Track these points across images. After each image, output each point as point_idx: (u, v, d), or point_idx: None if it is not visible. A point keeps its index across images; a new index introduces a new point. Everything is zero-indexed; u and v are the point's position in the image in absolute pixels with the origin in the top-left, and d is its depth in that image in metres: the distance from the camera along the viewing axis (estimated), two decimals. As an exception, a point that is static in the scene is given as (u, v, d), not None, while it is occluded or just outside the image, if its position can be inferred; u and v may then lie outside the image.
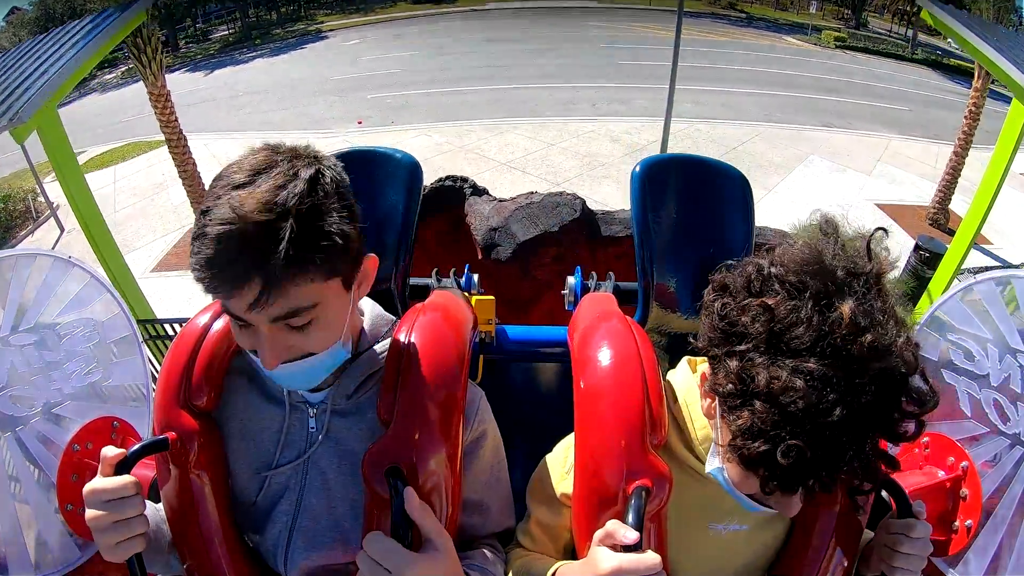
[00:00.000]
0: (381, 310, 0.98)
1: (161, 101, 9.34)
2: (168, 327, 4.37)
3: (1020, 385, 1.02)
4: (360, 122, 15.06)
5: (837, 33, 24.16)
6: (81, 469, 1.06)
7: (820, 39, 23.70)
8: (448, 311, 0.97)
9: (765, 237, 3.05)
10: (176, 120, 9.45)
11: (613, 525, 0.75)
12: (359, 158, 1.30)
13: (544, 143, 13.32)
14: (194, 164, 9.83)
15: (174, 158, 9.69)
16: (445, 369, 0.85)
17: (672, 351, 1.27)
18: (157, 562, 0.94)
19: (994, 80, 9.71)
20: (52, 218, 11.60)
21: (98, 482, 0.81)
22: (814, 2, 27.67)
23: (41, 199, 12.02)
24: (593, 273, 1.51)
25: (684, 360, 0.98)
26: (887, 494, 0.87)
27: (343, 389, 0.88)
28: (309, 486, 0.89)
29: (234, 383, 0.93)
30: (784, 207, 10.36)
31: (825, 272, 0.68)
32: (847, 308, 0.65)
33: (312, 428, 0.89)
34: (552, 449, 1.02)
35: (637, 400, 0.83)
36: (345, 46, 23.28)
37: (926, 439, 1.08)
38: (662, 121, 9.56)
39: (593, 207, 3.52)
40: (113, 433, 1.12)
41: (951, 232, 9.09)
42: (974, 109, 9.79)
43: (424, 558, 0.75)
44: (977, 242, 6.64)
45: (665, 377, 0.96)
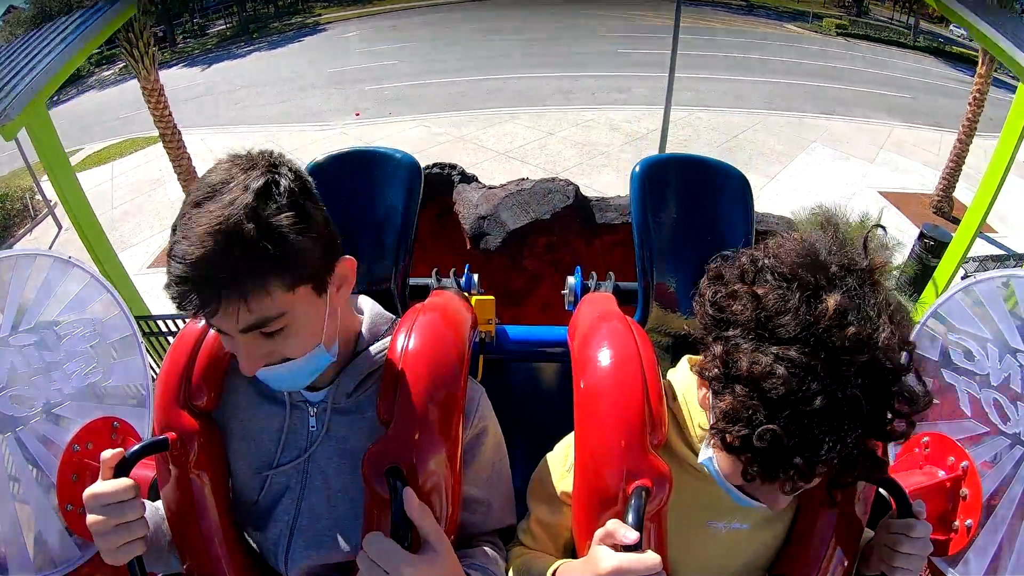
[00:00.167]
0: (381, 309, 0.97)
1: (154, 96, 9.32)
2: (163, 323, 4.36)
3: (1020, 385, 1.02)
4: (357, 114, 15.02)
5: (838, 21, 24.02)
6: (81, 469, 1.06)
7: (821, 27, 23.56)
8: (448, 311, 0.97)
9: (768, 224, 3.01)
10: (170, 115, 9.44)
11: (613, 525, 0.75)
12: (359, 158, 1.30)
13: (543, 132, 13.29)
14: (189, 159, 9.82)
15: (168, 153, 9.69)
16: (445, 369, 0.85)
17: (672, 351, 1.27)
18: (157, 562, 0.94)
19: (998, 67, 9.65)
20: (50, 216, 11.60)
21: (98, 486, 0.81)
22: (815, -11, 27.41)
23: (39, 197, 12.03)
24: (593, 273, 1.51)
25: (684, 359, 0.98)
26: (887, 494, 0.87)
27: (343, 388, 0.88)
28: (310, 485, 0.89)
29: (235, 382, 0.93)
30: (786, 195, 10.34)
31: (818, 266, 0.69)
32: (832, 300, 0.66)
33: (312, 427, 0.89)
34: (552, 448, 1.02)
35: (637, 400, 0.83)
36: (342, 38, 23.19)
37: (926, 439, 1.08)
38: (662, 109, 9.52)
39: (593, 196, 3.42)
40: (113, 433, 1.11)
41: (955, 220, 9.07)
42: (978, 96, 9.74)
43: (423, 560, 0.75)
44: (982, 230, 6.63)
45: (665, 376, 0.96)
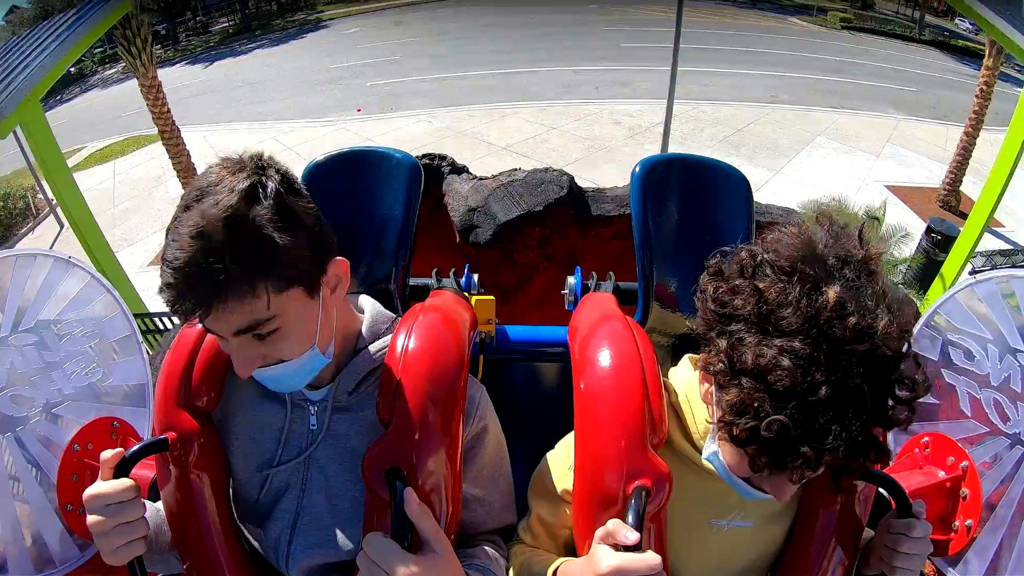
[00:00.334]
0: (381, 308, 0.97)
1: (152, 92, 9.33)
2: (159, 321, 4.36)
3: (1020, 385, 1.02)
4: (359, 109, 15.01)
5: (843, 14, 23.82)
6: (81, 469, 1.06)
7: (826, 20, 23.41)
8: (447, 311, 0.97)
9: (771, 215, 2.96)
10: (168, 111, 9.45)
11: (614, 524, 0.76)
12: (359, 158, 1.30)
13: (545, 127, 13.26)
14: (188, 156, 9.83)
15: (168, 150, 9.71)
16: (445, 369, 0.85)
17: (673, 351, 1.27)
18: (157, 562, 0.95)
19: (1005, 61, 9.57)
20: (52, 215, 11.66)
21: (98, 486, 0.81)
22: (819, -18, 27.21)
23: (41, 196, 12.08)
24: (593, 273, 1.51)
25: (686, 358, 0.98)
26: (887, 494, 0.87)
27: (344, 386, 0.88)
28: (310, 484, 0.89)
29: (235, 381, 0.92)
30: (791, 188, 10.30)
31: (816, 259, 0.70)
32: (832, 292, 0.67)
33: (313, 426, 0.89)
34: (553, 448, 1.03)
35: (637, 401, 0.83)
36: (345, 34, 23.18)
37: (926, 439, 1.08)
38: (665, 103, 9.47)
39: (588, 187, 3.33)
40: (113, 433, 1.11)
41: (962, 214, 9.03)
42: (985, 88, 9.68)
43: (423, 560, 0.75)
44: (990, 225, 6.59)
45: (666, 376, 0.97)
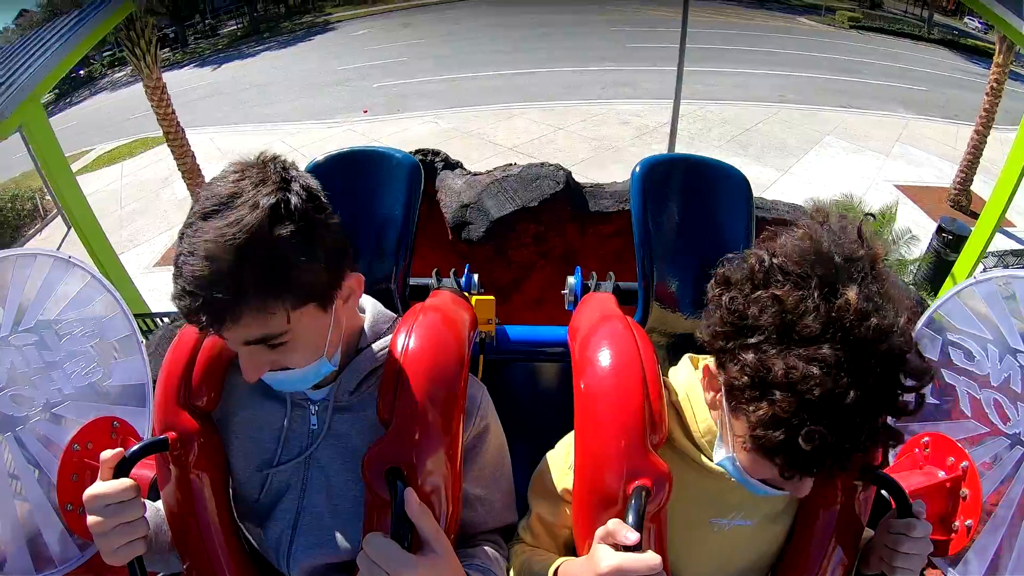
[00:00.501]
0: (382, 308, 0.97)
1: (157, 94, 9.38)
2: (159, 321, 4.37)
3: (1020, 385, 1.02)
4: (366, 111, 15.05)
5: (851, 13, 23.70)
6: (81, 469, 1.05)
7: (834, 19, 23.30)
8: (447, 311, 0.97)
9: (778, 212, 2.88)
10: (173, 113, 9.49)
11: (614, 524, 0.76)
12: (359, 158, 1.30)
13: (552, 127, 13.25)
14: (192, 158, 9.88)
15: (172, 151, 9.76)
16: (445, 369, 0.85)
17: (672, 351, 1.27)
18: (157, 562, 0.95)
19: (1015, 59, 9.48)
20: (60, 216, 11.76)
21: (98, 486, 0.81)
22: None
23: (49, 198, 12.19)
24: (593, 273, 1.51)
25: (686, 357, 0.99)
26: (887, 494, 0.88)
27: (345, 385, 0.88)
28: (311, 484, 0.89)
29: (236, 380, 0.92)
30: (800, 188, 10.25)
31: (825, 260, 0.70)
32: (853, 294, 0.67)
33: (313, 425, 0.88)
34: (553, 448, 1.03)
35: (637, 401, 0.83)
36: (353, 36, 23.30)
37: (926, 439, 1.08)
38: (672, 103, 9.44)
39: (586, 182, 3.23)
40: (113, 433, 1.11)
41: (973, 214, 8.95)
42: (995, 86, 9.59)
43: (423, 560, 0.75)
44: (1001, 225, 6.53)
45: (666, 376, 0.97)
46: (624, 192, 2.94)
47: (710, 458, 0.87)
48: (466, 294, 1.39)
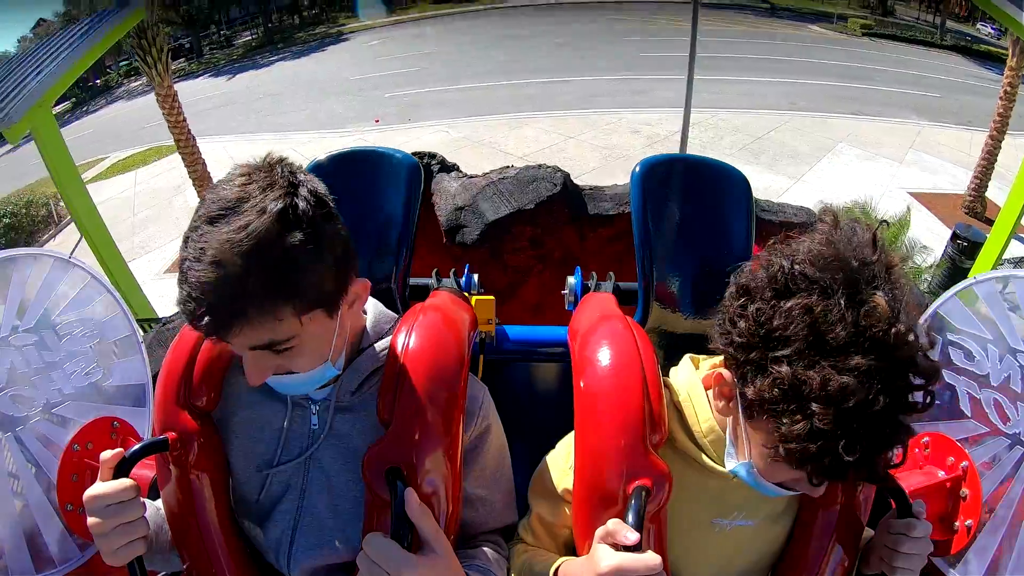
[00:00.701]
0: (383, 308, 0.98)
1: (168, 102, 9.48)
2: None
3: (1020, 385, 1.02)
4: (377, 120, 15.19)
5: (864, 21, 23.61)
6: (81, 469, 1.06)
7: (846, 27, 23.20)
8: (447, 311, 0.97)
9: (786, 215, 2.82)
10: (184, 121, 9.60)
11: (615, 524, 0.76)
12: (359, 159, 1.31)
13: (562, 136, 13.28)
14: (203, 165, 9.99)
15: (184, 159, 9.86)
16: (445, 369, 0.85)
17: (672, 351, 1.26)
18: (158, 562, 0.95)
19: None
20: (73, 222, 11.96)
21: (98, 487, 0.82)
22: (839, -11, 26.97)
23: (63, 204, 12.39)
24: (593, 273, 1.52)
25: (686, 357, 0.98)
26: (887, 493, 0.88)
27: (346, 385, 0.88)
28: (312, 485, 0.88)
29: (236, 380, 0.93)
30: (813, 196, 10.17)
31: (846, 265, 0.69)
32: (883, 301, 0.67)
33: (314, 426, 0.88)
34: (553, 448, 1.03)
35: (637, 401, 0.83)
36: (366, 46, 23.54)
37: (926, 439, 1.08)
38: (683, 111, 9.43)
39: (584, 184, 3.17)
40: (113, 433, 1.12)
41: (988, 221, 8.83)
42: (1009, 90, 9.50)
43: (423, 560, 0.75)
44: (1017, 231, 6.44)
45: (666, 376, 0.97)
46: (624, 195, 2.88)
47: (712, 458, 0.86)
48: (466, 294, 1.39)
